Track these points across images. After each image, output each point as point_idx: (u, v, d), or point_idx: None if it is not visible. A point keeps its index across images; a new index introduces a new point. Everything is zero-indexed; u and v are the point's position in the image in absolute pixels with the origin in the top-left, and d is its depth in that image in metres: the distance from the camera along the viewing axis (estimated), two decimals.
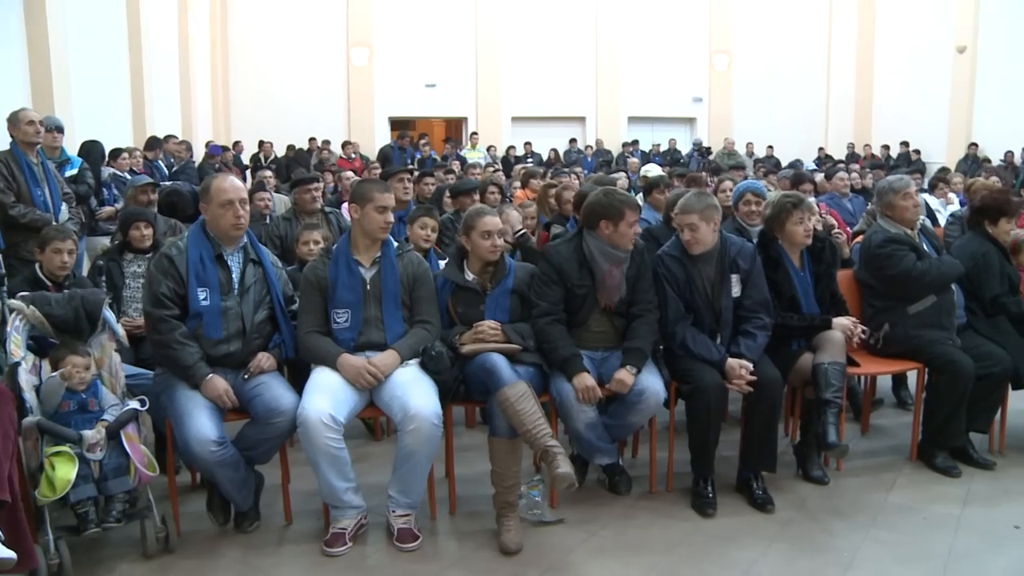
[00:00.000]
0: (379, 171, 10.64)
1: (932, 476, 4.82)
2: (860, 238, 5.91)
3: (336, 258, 4.16)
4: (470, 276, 4.39)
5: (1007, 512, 4.37)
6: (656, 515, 4.33)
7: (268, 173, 9.64)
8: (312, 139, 19.35)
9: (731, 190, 6.17)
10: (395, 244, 4.29)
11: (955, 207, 9.14)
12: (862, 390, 5.79)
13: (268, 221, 6.71)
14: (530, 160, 19.52)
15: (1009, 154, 17.56)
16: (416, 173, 8.68)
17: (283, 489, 4.25)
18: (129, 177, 8.75)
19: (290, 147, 18.92)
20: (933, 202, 9.37)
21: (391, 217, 4.16)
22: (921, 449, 4.99)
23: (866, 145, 21.94)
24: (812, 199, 6.28)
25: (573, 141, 21.73)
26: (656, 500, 4.51)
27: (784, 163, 19.66)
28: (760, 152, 21.65)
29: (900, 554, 3.94)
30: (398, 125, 21.98)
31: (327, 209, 6.66)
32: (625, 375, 4.21)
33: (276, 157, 18.19)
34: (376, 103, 21.68)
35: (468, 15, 21.93)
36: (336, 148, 19.28)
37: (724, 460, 4.64)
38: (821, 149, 22.34)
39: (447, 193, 7.69)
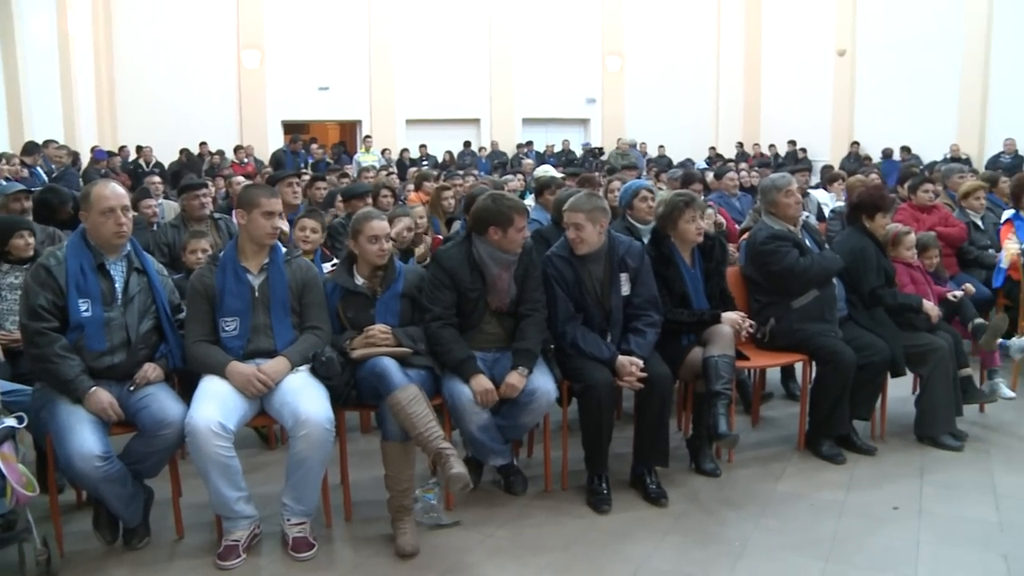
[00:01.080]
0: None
1: (819, 464, 4.98)
2: (747, 235, 6.06)
3: (223, 265, 4.08)
4: (359, 281, 4.36)
5: (887, 494, 4.55)
6: (552, 513, 4.36)
7: (155, 179, 9.39)
8: (203, 143, 18.94)
9: (619, 190, 6.26)
10: (283, 250, 4.22)
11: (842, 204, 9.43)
12: (752, 383, 5.92)
13: (155, 228, 6.53)
14: (425, 163, 19.50)
15: (887, 151, 18.24)
16: (307, 177, 8.58)
17: (174, 502, 4.13)
18: (3, 184, 8.41)
19: (182, 151, 18.48)
20: (823, 197, 9.66)
21: (278, 222, 4.10)
22: (808, 438, 5.14)
23: (755, 144, 22.54)
24: (701, 198, 6.42)
25: (468, 143, 21.77)
26: (552, 498, 4.54)
27: (676, 163, 20.08)
28: (653, 152, 22.02)
29: (788, 540, 4.06)
30: (291, 129, 21.68)
31: (216, 215, 6.51)
32: (516, 378, 4.22)
33: (158, 162, 17.70)
34: (269, 106, 21.33)
35: (361, 17, 21.76)
36: (229, 153, 18.90)
37: (618, 456, 4.70)
38: (712, 148, 22.85)
39: (338, 197, 7.60)
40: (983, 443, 5.30)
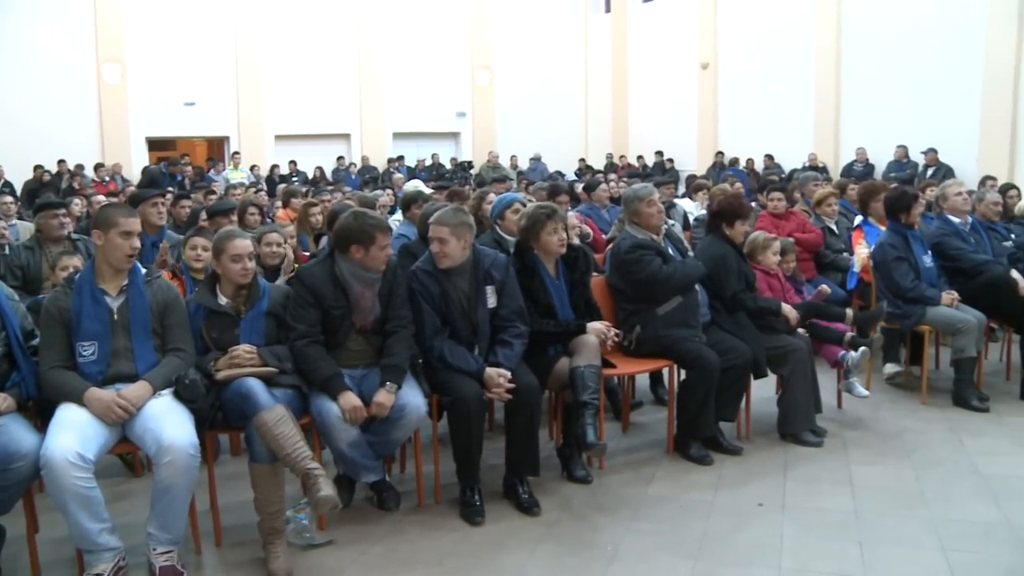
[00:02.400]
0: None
1: (687, 466, 5.12)
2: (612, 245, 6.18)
3: (80, 287, 3.93)
4: (223, 300, 4.27)
5: (753, 492, 4.72)
6: (426, 528, 4.36)
7: (7, 198, 8.99)
8: (62, 161, 18.25)
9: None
10: (143, 271, 4.11)
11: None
12: (621, 390, 6.03)
13: (7, 251, 6.26)
14: (295, 179, 19.23)
15: (750, 161, 18.87)
16: (171, 196, 8.37)
17: (29, 540, 3.92)
18: None
19: (37, 168, 17.73)
20: (689, 206, 9.93)
21: (137, 243, 3.97)
22: (677, 441, 5.28)
23: (621, 156, 23.00)
24: (568, 210, 6.53)
25: (341, 158, 21.59)
26: (425, 513, 4.54)
27: (546, 175, 20.37)
28: (524, 165, 22.25)
29: (659, 542, 4.16)
30: (156, 146, 21.10)
31: (75, 236, 6.29)
32: (384, 396, 4.20)
33: (7, 181, 16.94)
34: (132, 122, 20.64)
35: (227, 31, 21.35)
36: (89, 171, 18.23)
37: (491, 468, 4.74)
38: (582, 160, 23.20)
39: (202, 215, 7.44)
40: (841, 438, 5.55)
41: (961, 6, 15.13)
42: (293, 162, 20.88)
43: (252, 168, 20.01)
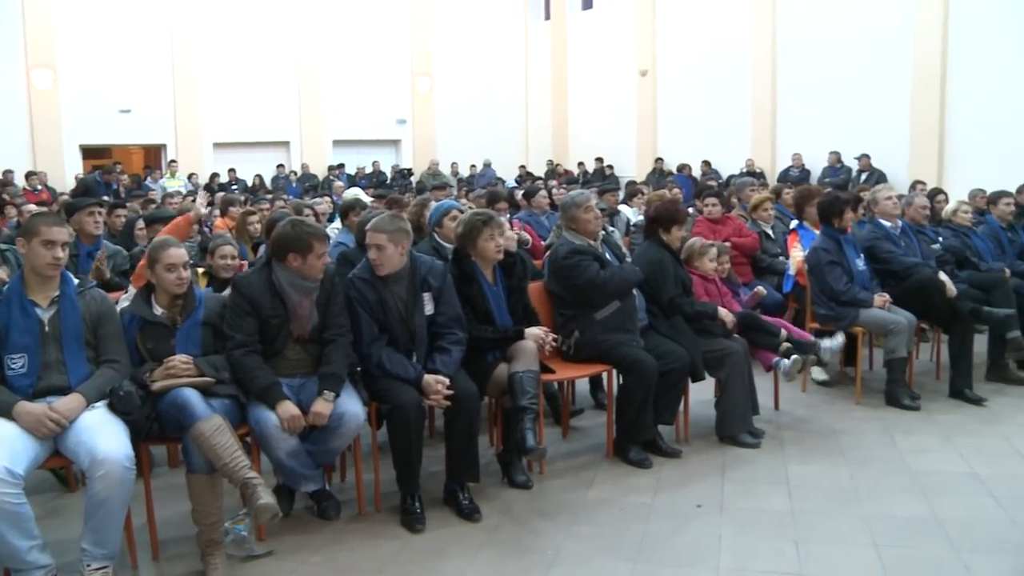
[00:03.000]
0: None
1: (627, 469, 5.16)
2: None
3: (8, 299, 3.85)
4: (158, 310, 4.21)
5: (692, 494, 4.78)
6: (366, 536, 4.34)
7: None
8: None
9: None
10: (75, 281, 4.04)
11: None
12: (561, 395, 6.05)
13: None
14: (235, 187, 19.03)
15: (686, 167, 19.08)
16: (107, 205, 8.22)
17: None
18: None
19: None
20: (628, 212, 10.02)
21: (60, 253, 3.88)
22: (616, 445, 5.32)
23: (558, 165, 23.13)
24: (506, 217, 6.57)
25: (280, 166, 21.42)
26: (366, 521, 4.52)
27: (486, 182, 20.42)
28: (464, 172, 22.28)
29: (599, 545, 4.20)
30: (91, 154, 20.72)
31: (3, 246, 6.15)
32: (322, 405, 4.17)
33: None
34: (64, 130, 20.20)
35: (163, 37, 21.05)
36: (20, 179, 17.84)
37: (432, 475, 4.75)
38: (522, 167, 23.28)
39: (138, 224, 7.33)
40: (778, 439, 5.64)
41: (890, 18, 15.49)
42: (232, 170, 20.66)
43: (190, 176, 19.74)
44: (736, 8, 18.56)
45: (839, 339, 6.08)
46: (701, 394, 5.77)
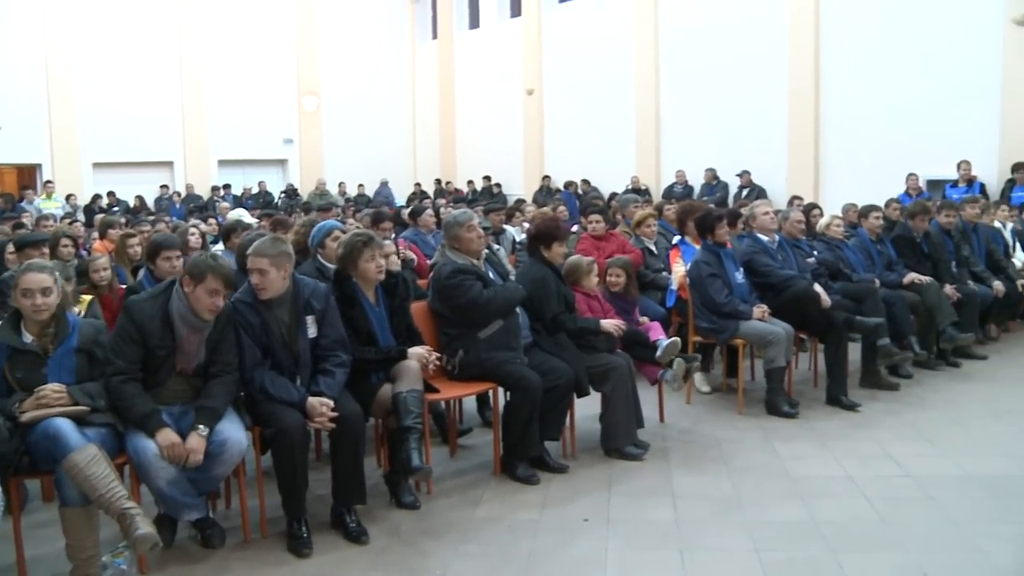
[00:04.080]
0: None
1: (515, 486, 5.17)
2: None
3: None
4: (28, 338, 4.06)
5: (579, 508, 4.82)
6: (252, 564, 4.25)
7: None
8: None
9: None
10: None
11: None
12: (448, 414, 6.04)
13: None
14: (116, 209, 18.50)
15: (572, 184, 19.31)
16: None
17: None
18: None
19: None
20: (512, 230, 10.08)
21: None
22: (503, 462, 5.33)
23: (448, 183, 23.17)
24: (391, 236, 6.54)
25: (164, 187, 20.92)
26: (252, 548, 4.42)
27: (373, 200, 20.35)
28: (352, 191, 22.12)
29: (487, 563, 4.21)
30: None
31: None
32: (196, 441, 4.06)
33: None
34: None
35: (37, 51, 20.34)
36: None
37: (319, 498, 4.70)
38: (418, 185, 23.22)
39: (9, 248, 7.05)
40: (663, 451, 5.73)
41: (766, 39, 15.97)
42: (111, 193, 20.05)
43: (68, 198, 19.09)
44: (620, 28, 18.92)
45: (677, 364, 6.11)
46: (587, 409, 5.81)
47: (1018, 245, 9.82)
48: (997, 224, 9.78)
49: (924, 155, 13.29)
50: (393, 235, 7.25)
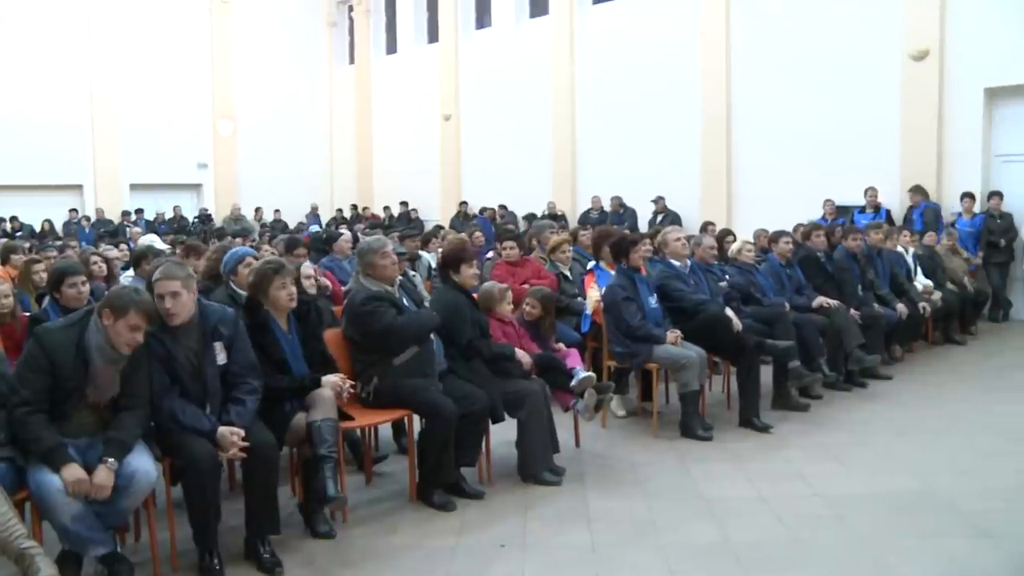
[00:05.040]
0: None
1: (431, 513, 5.15)
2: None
3: None
4: None
5: (495, 534, 4.83)
6: None
7: None
8: None
9: None
10: None
11: None
12: (364, 441, 5.99)
13: None
14: (19, 234, 17.96)
15: (490, 211, 19.37)
16: None
17: None
18: None
19: None
20: (428, 256, 10.08)
21: None
22: (419, 490, 5.30)
23: (365, 208, 23.05)
24: (308, 263, 6.48)
25: (73, 211, 20.40)
26: None
27: (292, 226, 20.12)
28: (269, 216, 21.87)
29: None
30: None
31: None
32: (103, 475, 3.95)
33: None
34: None
35: None
36: None
37: (231, 529, 4.60)
38: (340, 211, 23.01)
39: None
40: (579, 475, 5.77)
41: (680, 69, 16.20)
42: (14, 218, 19.45)
43: None
44: (537, 54, 19.06)
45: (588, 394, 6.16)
46: (502, 435, 5.82)
47: (919, 269, 10.18)
48: (900, 249, 10.13)
49: (832, 182, 13.63)
50: (307, 260, 7.18)
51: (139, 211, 20.88)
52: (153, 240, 9.68)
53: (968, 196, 12.40)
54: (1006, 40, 12.03)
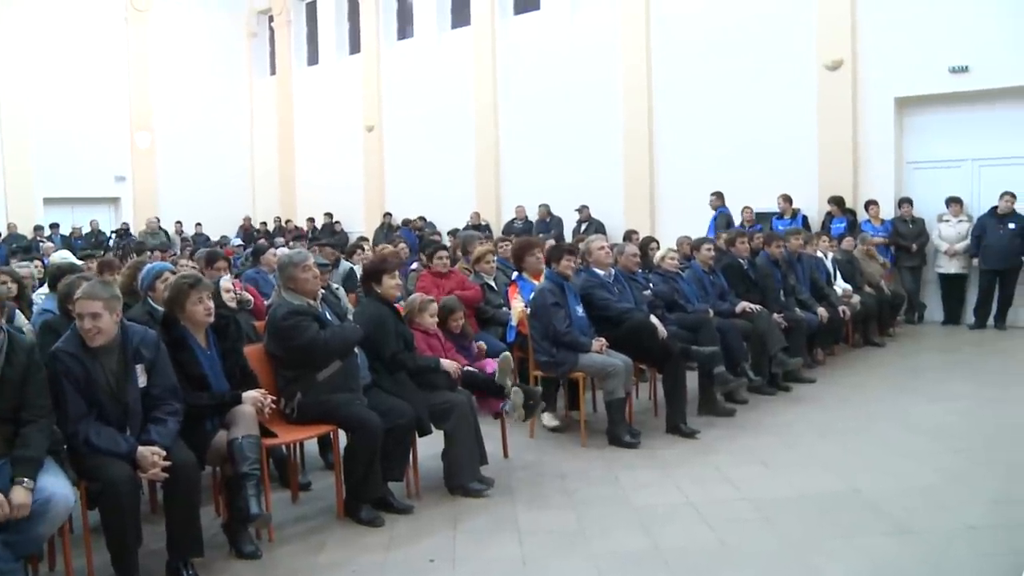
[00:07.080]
0: None
1: (359, 529, 5.09)
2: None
3: None
4: None
5: (424, 549, 4.78)
6: None
7: None
8: None
9: None
10: None
11: None
12: (289, 458, 5.90)
13: None
14: None
15: (415, 222, 19.27)
16: None
17: None
18: None
19: None
20: (347, 263, 9.98)
21: None
22: (347, 506, 5.24)
23: (288, 220, 22.77)
24: (227, 276, 6.37)
25: None
26: None
27: (214, 239, 19.79)
28: (189, 230, 21.46)
29: None
30: None
31: None
32: (21, 495, 3.80)
33: None
34: None
35: None
36: None
37: (153, 553, 4.48)
38: (263, 224, 22.68)
39: None
40: (508, 486, 5.75)
41: (601, 77, 16.34)
42: None
43: None
44: (459, 64, 19.07)
45: (515, 393, 6.19)
46: (429, 448, 5.79)
47: (838, 273, 10.41)
48: (819, 254, 10.34)
49: (751, 190, 13.86)
50: (229, 275, 7.06)
51: (54, 226, 20.29)
52: (66, 256, 9.38)
53: (873, 203, 12.75)
54: (915, 51, 12.40)
